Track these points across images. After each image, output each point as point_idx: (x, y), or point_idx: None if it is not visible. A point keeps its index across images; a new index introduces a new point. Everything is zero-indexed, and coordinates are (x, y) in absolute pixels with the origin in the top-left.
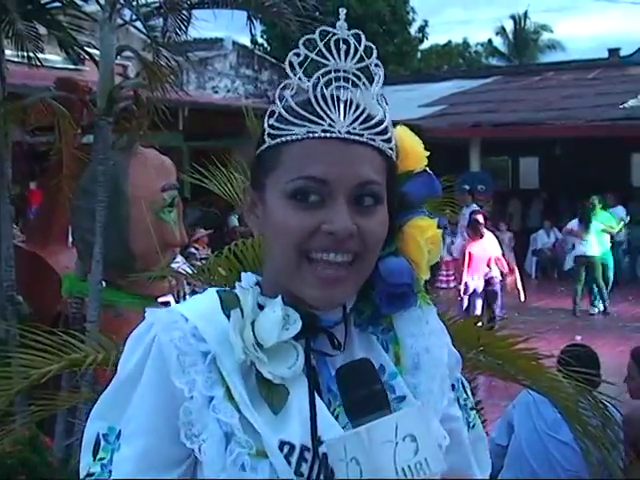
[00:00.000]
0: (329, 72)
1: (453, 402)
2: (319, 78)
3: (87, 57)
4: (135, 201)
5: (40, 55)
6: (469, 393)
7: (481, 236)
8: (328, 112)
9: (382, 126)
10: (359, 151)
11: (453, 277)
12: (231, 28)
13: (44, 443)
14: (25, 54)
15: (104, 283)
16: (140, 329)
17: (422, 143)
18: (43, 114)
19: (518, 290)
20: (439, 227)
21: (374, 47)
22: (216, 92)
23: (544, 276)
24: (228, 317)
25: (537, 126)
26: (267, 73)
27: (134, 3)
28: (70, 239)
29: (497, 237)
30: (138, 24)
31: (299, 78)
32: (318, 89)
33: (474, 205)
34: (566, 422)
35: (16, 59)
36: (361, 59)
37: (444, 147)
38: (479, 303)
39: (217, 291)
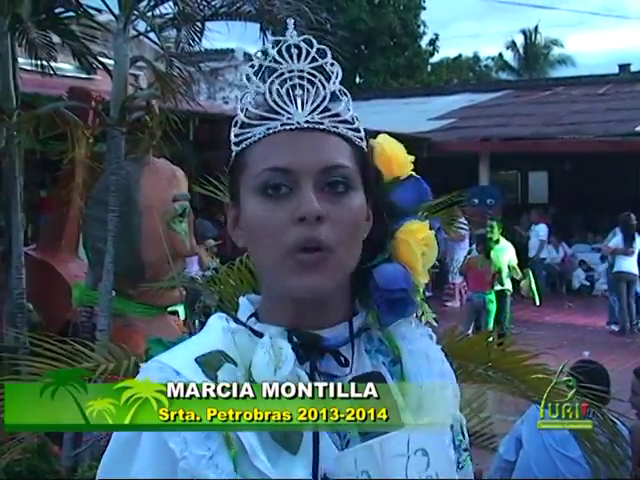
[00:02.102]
0: (282, 73)
1: (449, 444)
2: (274, 80)
3: (100, 67)
4: (147, 211)
5: (53, 64)
6: (465, 433)
7: (486, 251)
8: (285, 107)
9: (345, 116)
10: (321, 138)
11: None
12: (242, 39)
13: (52, 451)
14: (38, 63)
15: (114, 292)
16: None
17: (404, 148)
18: (56, 123)
19: (533, 294)
20: (431, 228)
21: (327, 49)
22: (226, 102)
23: (553, 291)
24: (214, 380)
25: (547, 141)
26: None
27: (148, 14)
28: (80, 248)
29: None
30: (152, 35)
31: (256, 85)
32: (274, 89)
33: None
34: (575, 438)
35: (29, 67)
36: (314, 59)
37: (453, 161)
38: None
39: (195, 359)
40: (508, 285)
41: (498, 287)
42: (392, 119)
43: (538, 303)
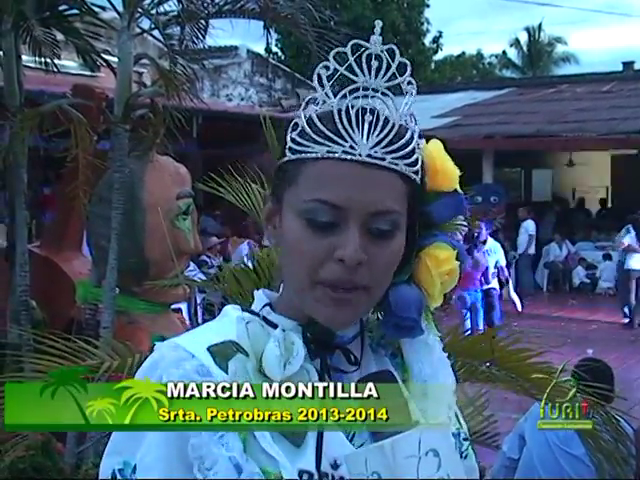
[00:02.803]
0: (357, 89)
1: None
2: (346, 95)
3: (104, 64)
4: (150, 208)
5: (57, 61)
6: (462, 423)
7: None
8: (351, 132)
9: (408, 149)
10: (379, 176)
11: None
12: (246, 36)
13: (56, 448)
14: (42, 60)
15: (118, 289)
16: (146, 366)
17: (452, 162)
18: (59, 120)
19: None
20: (457, 258)
21: (408, 63)
22: (230, 100)
23: (556, 289)
24: (225, 370)
25: (550, 138)
26: (281, 82)
27: (152, 12)
28: (84, 245)
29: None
30: (156, 32)
31: (326, 93)
32: (343, 107)
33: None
34: (578, 436)
35: (33, 65)
36: (393, 76)
37: (457, 158)
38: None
39: (208, 348)
40: (495, 284)
41: (485, 286)
42: None
43: (520, 309)
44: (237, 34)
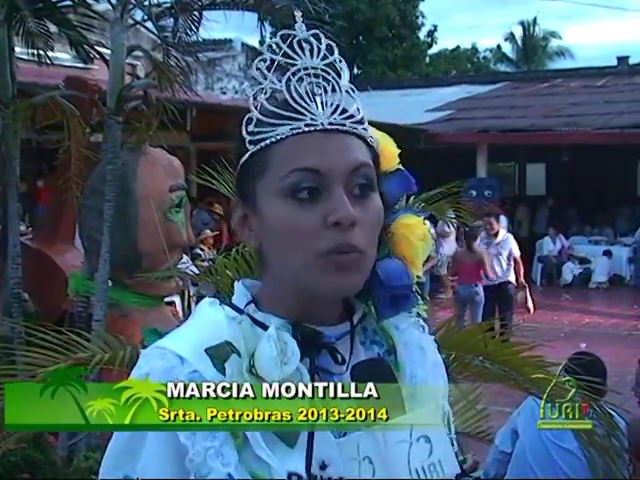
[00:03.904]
0: (299, 70)
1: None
2: (290, 78)
3: (97, 56)
4: (143, 201)
5: (50, 53)
6: (452, 427)
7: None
8: (307, 107)
9: (359, 116)
10: (345, 140)
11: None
12: (240, 29)
13: (48, 441)
14: (35, 52)
15: (110, 282)
16: (135, 377)
17: (392, 141)
18: (52, 112)
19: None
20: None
21: (334, 44)
22: (224, 93)
23: (549, 283)
24: (222, 372)
25: (545, 132)
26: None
27: (145, 3)
28: (77, 238)
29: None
30: (149, 24)
31: (271, 81)
32: (292, 87)
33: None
34: (571, 430)
35: (26, 57)
36: (325, 56)
37: (451, 152)
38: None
39: (206, 350)
40: (511, 277)
41: (493, 281)
42: (390, 110)
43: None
44: (231, 27)
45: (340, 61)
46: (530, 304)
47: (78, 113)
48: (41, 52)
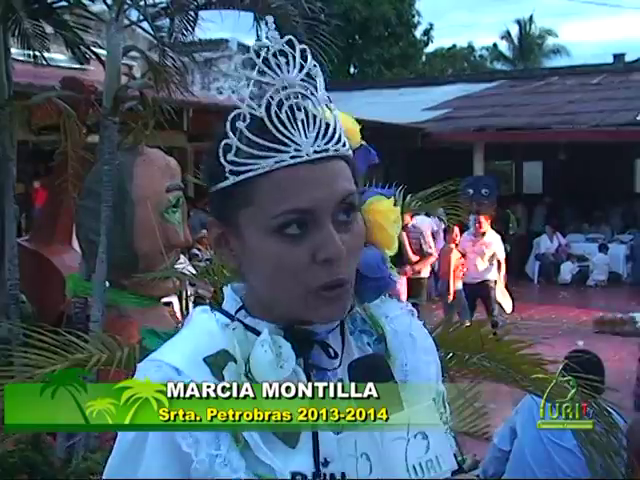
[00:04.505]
0: (277, 91)
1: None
2: (270, 101)
3: (93, 57)
4: (140, 201)
5: (46, 54)
6: (447, 406)
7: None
8: (290, 136)
9: (337, 131)
10: (330, 167)
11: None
12: (236, 29)
13: (46, 443)
14: (31, 53)
15: (108, 283)
16: None
17: (351, 119)
18: (48, 113)
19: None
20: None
21: (306, 48)
22: (220, 93)
23: (546, 281)
24: (222, 380)
25: (541, 131)
26: None
27: (141, 4)
28: (74, 239)
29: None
30: (145, 24)
31: (249, 105)
32: (272, 113)
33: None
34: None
35: (22, 58)
36: (301, 67)
37: (448, 151)
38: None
39: (204, 359)
40: (492, 276)
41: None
42: (386, 109)
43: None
44: (227, 27)
45: (315, 66)
46: (503, 297)
47: (74, 114)
48: (37, 53)
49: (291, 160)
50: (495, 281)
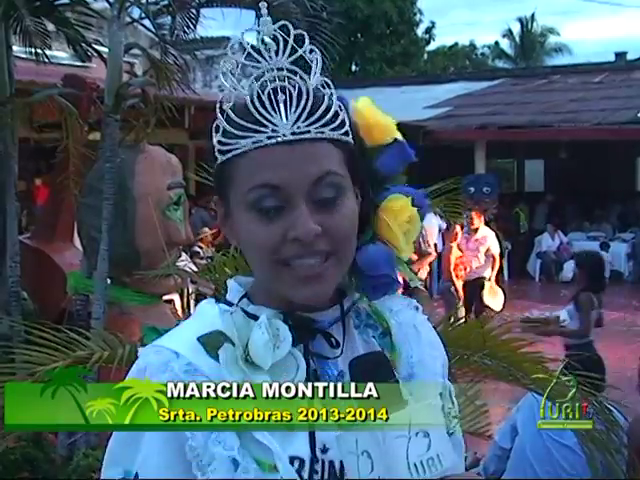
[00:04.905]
0: (263, 74)
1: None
2: (253, 83)
3: (95, 54)
4: (141, 199)
5: (47, 52)
6: (454, 401)
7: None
8: (268, 117)
9: (329, 114)
10: (309, 149)
11: None
12: (237, 27)
13: (47, 440)
14: (33, 50)
15: (109, 280)
16: (133, 374)
17: (383, 114)
18: (50, 111)
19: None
20: (414, 205)
21: (304, 33)
22: (222, 91)
23: (548, 279)
24: (216, 359)
25: (543, 129)
26: None
27: (143, 1)
28: (76, 236)
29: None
30: (146, 22)
31: (234, 88)
32: (254, 95)
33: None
34: None
35: (24, 55)
36: (293, 50)
37: (449, 149)
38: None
39: (198, 339)
40: (488, 273)
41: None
42: (388, 107)
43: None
44: (228, 25)
45: (311, 52)
46: (491, 302)
47: (76, 111)
48: (39, 50)
49: (267, 140)
50: (489, 278)
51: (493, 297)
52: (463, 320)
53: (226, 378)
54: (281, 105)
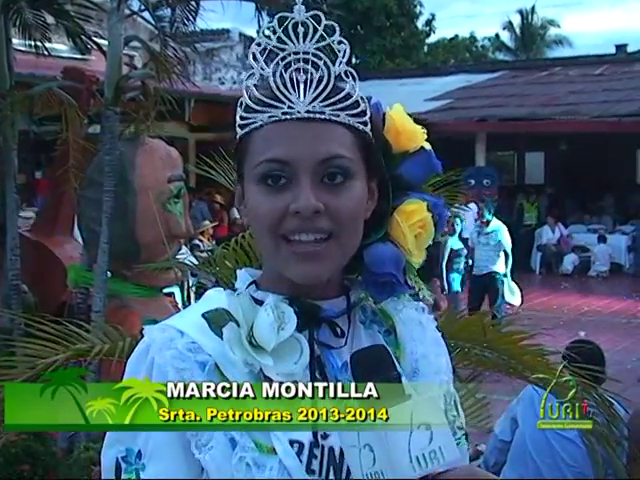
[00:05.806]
0: (288, 55)
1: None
2: (278, 63)
3: (94, 47)
4: (141, 192)
5: (47, 44)
6: (460, 411)
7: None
8: (287, 94)
9: (349, 101)
10: (321, 128)
11: None
12: (237, 19)
13: (48, 432)
14: (32, 43)
15: (109, 273)
16: (138, 351)
17: (413, 121)
18: (50, 104)
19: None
20: (431, 211)
21: (336, 25)
22: (222, 83)
23: (548, 272)
24: (219, 336)
25: (543, 121)
26: None
27: None
28: (76, 229)
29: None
30: (146, 14)
31: (260, 67)
32: (277, 74)
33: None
34: None
35: (23, 48)
36: (322, 38)
37: (450, 141)
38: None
39: (202, 314)
40: (498, 267)
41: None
42: (388, 100)
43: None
44: (228, 17)
45: (340, 42)
46: (511, 298)
47: (76, 104)
48: (38, 43)
49: (282, 116)
50: (505, 274)
51: (512, 293)
52: (465, 313)
53: (229, 356)
54: (301, 85)
